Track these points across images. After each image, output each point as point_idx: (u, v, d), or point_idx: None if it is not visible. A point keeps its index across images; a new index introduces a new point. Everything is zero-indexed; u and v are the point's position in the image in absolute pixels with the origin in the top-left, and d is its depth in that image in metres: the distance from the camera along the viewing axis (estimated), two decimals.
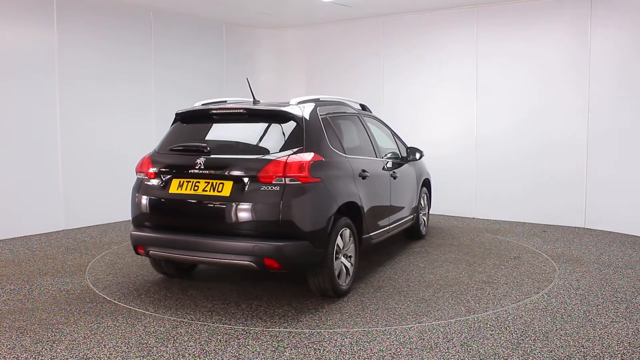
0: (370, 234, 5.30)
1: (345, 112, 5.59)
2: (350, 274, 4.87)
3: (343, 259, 4.75)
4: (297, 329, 4.03)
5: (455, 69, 8.71)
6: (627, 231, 7.40)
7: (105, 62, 8.12)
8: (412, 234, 7.00)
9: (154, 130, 8.57)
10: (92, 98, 7.98)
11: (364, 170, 5.16)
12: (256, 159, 4.37)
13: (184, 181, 4.51)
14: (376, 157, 5.74)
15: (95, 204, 7.99)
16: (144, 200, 4.68)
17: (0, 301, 4.66)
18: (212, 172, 4.41)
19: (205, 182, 4.41)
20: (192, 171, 4.47)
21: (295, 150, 4.41)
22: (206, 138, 4.80)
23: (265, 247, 4.16)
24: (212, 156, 4.50)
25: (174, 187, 4.54)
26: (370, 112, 6.45)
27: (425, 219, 7.26)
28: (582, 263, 5.92)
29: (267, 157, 4.35)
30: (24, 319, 4.22)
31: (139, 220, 4.77)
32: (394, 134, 6.60)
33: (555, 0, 7.84)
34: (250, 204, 4.25)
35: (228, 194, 4.30)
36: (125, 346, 3.71)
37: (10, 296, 4.80)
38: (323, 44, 10.16)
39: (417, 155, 6.53)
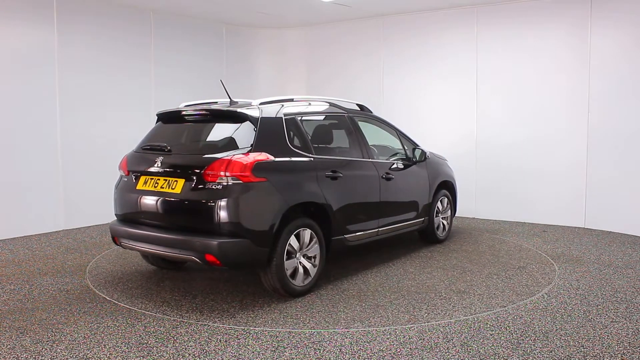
0: (345, 236, 5.27)
1: (325, 113, 5.64)
2: (312, 275, 4.86)
3: (302, 259, 4.78)
4: (297, 328, 4.03)
5: (455, 69, 8.70)
6: (627, 231, 7.40)
7: (106, 63, 8.11)
8: (427, 237, 6.85)
9: None
10: (93, 98, 7.97)
11: (334, 171, 5.14)
12: (203, 158, 4.52)
13: (148, 178, 4.81)
14: (364, 157, 5.69)
15: (95, 204, 7.97)
16: (120, 195, 5.08)
17: (0, 301, 4.66)
18: (168, 170, 4.67)
19: (164, 180, 4.66)
20: (153, 169, 4.76)
21: (244, 150, 4.51)
22: (174, 138, 5.07)
23: (206, 243, 4.31)
24: (169, 155, 4.76)
25: (141, 184, 4.85)
26: (370, 112, 6.40)
27: (445, 222, 7.00)
28: (582, 263, 5.92)
29: (213, 156, 4.48)
30: (24, 319, 4.22)
31: (117, 213, 5.17)
32: (401, 135, 6.49)
33: (555, 0, 7.85)
34: (196, 201, 4.44)
35: (179, 191, 4.52)
36: (125, 346, 3.71)
37: (10, 296, 4.80)
38: (323, 43, 10.15)
39: (419, 157, 6.46)
